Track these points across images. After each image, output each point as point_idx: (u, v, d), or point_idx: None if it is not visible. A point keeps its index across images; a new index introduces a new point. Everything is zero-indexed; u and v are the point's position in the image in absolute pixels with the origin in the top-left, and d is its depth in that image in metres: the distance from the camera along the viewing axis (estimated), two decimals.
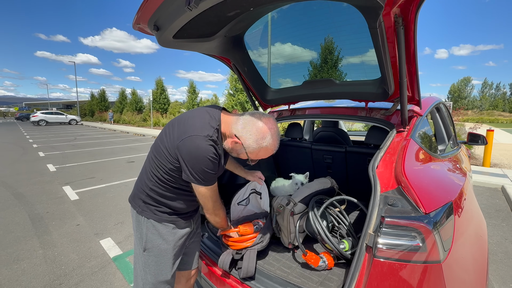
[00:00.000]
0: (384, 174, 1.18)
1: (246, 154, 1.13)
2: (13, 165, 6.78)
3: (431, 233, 0.92)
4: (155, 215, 1.16)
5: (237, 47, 1.72)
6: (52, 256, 2.59)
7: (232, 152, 1.17)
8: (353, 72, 2.07)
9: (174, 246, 1.19)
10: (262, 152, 1.12)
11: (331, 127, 2.86)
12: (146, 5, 1.11)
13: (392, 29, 1.12)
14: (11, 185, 4.97)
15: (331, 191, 1.78)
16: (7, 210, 3.73)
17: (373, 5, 0.95)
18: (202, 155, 1.01)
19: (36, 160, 7.60)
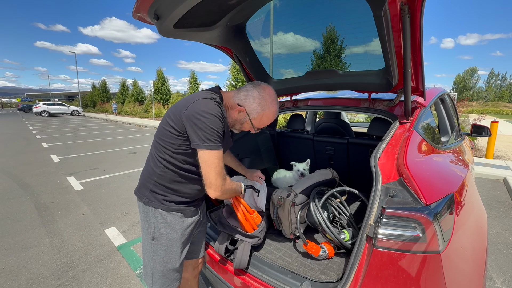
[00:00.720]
0: (386, 165, 1.18)
1: (250, 122, 1.15)
2: (17, 156, 6.86)
3: (431, 224, 0.93)
4: (163, 204, 1.16)
5: (238, 36, 1.69)
6: (59, 244, 2.66)
7: (235, 124, 1.19)
8: (356, 62, 2.03)
9: (182, 234, 1.20)
10: (265, 117, 1.16)
11: (334, 119, 2.84)
12: None
13: (398, 18, 1.09)
14: (17, 176, 5.04)
15: (332, 182, 1.79)
16: (14, 200, 3.81)
17: None
18: (209, 112, 1.01)
19: (40, 151, 7.67)
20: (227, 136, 1.17)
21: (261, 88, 1.14)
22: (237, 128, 1.22)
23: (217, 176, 1.04)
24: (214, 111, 1.03)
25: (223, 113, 1.08)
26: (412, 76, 1.37)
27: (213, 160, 1.03)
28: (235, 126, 1.21)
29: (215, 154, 1.03)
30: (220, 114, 1.05)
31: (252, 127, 1.18)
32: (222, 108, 1.09)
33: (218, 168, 1.04)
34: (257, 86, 1.14)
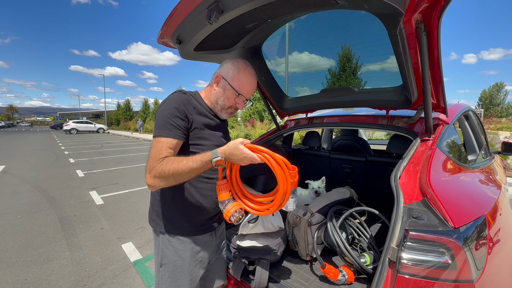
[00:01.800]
0: (407, 184, 1.12)
1: (230, 85, 1.07)
2: (47, 171, 7.30)
3: (462, 250, 0.86)
4: (169, 228, 1.08)
5: (255, 57, 1.76)
6: (78, 257, 2.72)
7: (218, 98, 1.09)
8: (372, 79, 2.02)
9: (190, 263, 1.09)
10: (242, 75, 1.08)
11: (350, 136, 2.79)
12: (170, 21, 1.18)
13: (414, 36, 1.09)
14: (44, 189, 5.33)
15: (351, 202, 1.72)
16: (40, 213, 4.00)
17: (392, 12, 0.94)
18: (164, 101, 1.01)
19: (66, 166, 8.13)
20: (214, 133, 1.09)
21: (232, 58, 1.15)
22: (221, 105, 1.10)
23: (150, 159, 0.93)
24: (170, 99, 0.99)
25: (188, 102, 1.02)
26: (432, 92, 1.34)
27: (154, 145, 0.94)
28: (219, 103, 1.10)
29: (157, 139, 0.94)
30: (179, 102, 0.98)
31: (234, 91, 1.07)
32: (192, 99, 1.04)
33: (154, 153, 0.93)
34: (227, 59, 1.15)
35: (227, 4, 0.98)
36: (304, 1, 0.97)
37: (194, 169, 0.91)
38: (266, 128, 15.74)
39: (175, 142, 0.96)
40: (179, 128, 0.97)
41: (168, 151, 0.94)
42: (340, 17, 1.62)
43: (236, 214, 0.97)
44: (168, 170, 0.89)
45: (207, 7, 1.02)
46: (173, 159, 0.92)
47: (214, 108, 1.12)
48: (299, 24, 1.86)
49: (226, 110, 1.12)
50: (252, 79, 1.11)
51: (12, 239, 3.10)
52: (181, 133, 0.97)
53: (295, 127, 2.33)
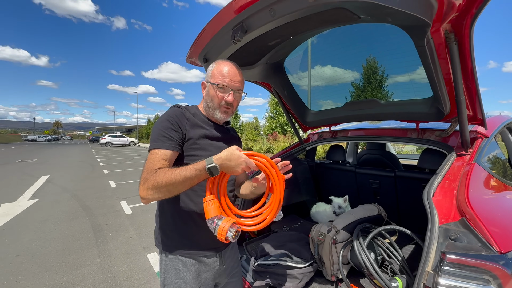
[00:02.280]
0: (442, 203, 1.04)
1: (210, 83, 1.04)
2: (84, 181, 7.89)
3: (511, 279, 0.76)
4: (171, 247, 1.04)
5: (277, 72, 1.80)
6: (107, 265, 2.84)
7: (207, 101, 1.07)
8: (400, 91, 1.95)
9: (193, 286, 1.03)
10: (217, 69, 1.04)
11: (378, 150, 2.67)
12: (198, 42, 1.27)
13: (444, 46, 1.05)
14: (81, 198, 5.74)
15: (379, 220, 1.62)
16: (76, 220, 4.29)
17: (419, 23, 0.92)
18: (163, 117, 1.00)
19: (101, 176, 8.71)
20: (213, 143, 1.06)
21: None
22: (212, 106, 1.06)
23: (144, 171, 0.91)
24: (163, 114, 1.01)
25: (181, 115, 1.01)
26: (467, 103, 1.25)
27: (148, 158, 0.94)
28: (209, 106, 1.06)
29: (153, 152, 0.93)
30: (171, 115, 0.99)
31: (214, 85, 1.03)
32: (184, 111, 1.04)
33: (148, 165, 0.91)
34: None
35: (251, 24, 1.03)
36: (325, 18, 0.99)
37: (187, 178, 0.86)
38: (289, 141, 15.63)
39: (169, 153, 0.94)
40: (172, 139, 0.95)
41: (162, 162, 0.91)
42: (364, 29, 1.61)
43: (233, 229, 0.84)
44: (161, 180, 0.85)
45: (232, 28, 1.09)
46: (166, 169, 0.88)
47: (209, 114, 1.09)
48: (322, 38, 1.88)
49: (219, 109, 1.06)
50: (228, 67, 1.05)
51: (51, 244, 3.35)
52: (174, 144, 0.96)
53: (318, 140, 2.30)
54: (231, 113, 1.09)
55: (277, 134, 17.61)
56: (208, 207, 0.90)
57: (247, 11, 0.99)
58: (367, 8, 0.87)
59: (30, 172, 9.52)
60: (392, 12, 0.84)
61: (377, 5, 0.80)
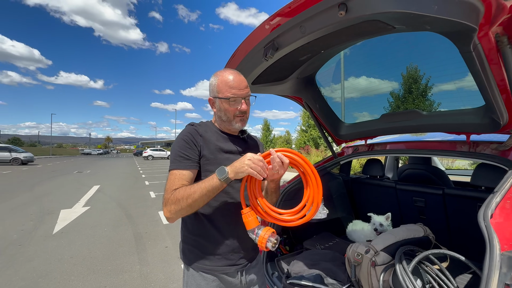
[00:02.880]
0: (504, 226, 0.90)
1: (220, 98, 1.03)
2: (128, 191, 8.58)
3: None
4: (192, 261, 1.05)
5: (308, 86, 1.80)
6: (146, 272, 3.00)
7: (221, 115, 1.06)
8: (446, 100, 1.80)
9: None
10: (222, 82, 1.02)
11: (422, 164, 2.44)
12: (232, 60, 1.34)
13: (495, 50, 0.96)
14: (125, 207, 6.23)
15: (425, 242, 1.46)
16: (120, 228, 4.65)
17: (463, 29, 0.85)
18: (179, 137, 1.03)
19: (143, 187, 9.39)
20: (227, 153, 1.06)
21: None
22: (228, 119, 1.05)
23: (165, 192, 0.95)
24: (181, 134, 1.03)
25: (194, 132, 1.03)
26: None
27: (168, 178, 0.97)
28: (224, 119, 1.06)
29: (172, 173, 0.97)
30: (186, 134, 1.02)
31: (225, 100, 1.02)
32: (197, 128, 1.06)
33: (167, 186, 0.95)
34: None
35: (282, 42, 1.07)
36: (357, 31, 0.98)
37: (204, 188, 0.88)
38: (322, 155, 15.15)
39: (187, 173, 0.96)
40: (189, 158, 0.98)
41: (181, 182, 0.94)
42: (401, 37, 1.54)
43: (272, 239, 0.88)
44: (181, 197, 0.89)
45: (263, 46, 1.14)
46: (185, 187, 0.92)
47: (224, 127, 1.10)
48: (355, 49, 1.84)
49: (234, 120, 1.06)
50: (231, 77, 1.04)
51: (99, 249, 3.66)
52: (191, 163, 0.98)
53: (353, 154, 2.20)
54: (246, 119, 1.09)
55: (310, 148, 17.24)
56: (247, 219, 0.92)
57: (278, 30, 1.03)
58: (402, 18, 0.84)
59: (84, 182, 10.70)
60: (431, 20, 0.80)
61: (412, 15, 0.76)
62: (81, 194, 7.74)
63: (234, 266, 1.05)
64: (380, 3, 0.77)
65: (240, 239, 1.05)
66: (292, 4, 0.90)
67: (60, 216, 5.32)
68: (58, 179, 11.45)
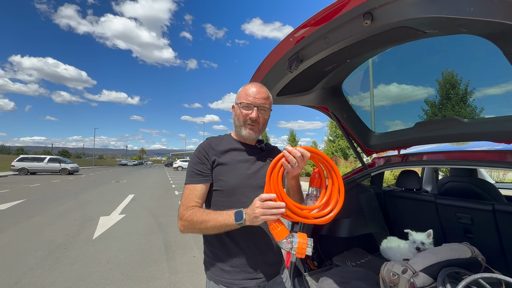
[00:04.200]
0: None
1: (236, 104, 1.12)
2: (159, 200, 8.99)
3: None
4: (212, 273, 1.07)
5: (335, 96, 1.77)
6: (174, 281, 3.07)
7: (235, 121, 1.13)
8: (492, 106, 1.64)
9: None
10: (243, 90, 1.12)
11: (466, 177, 2.22)
12: (257, 74, 1.38)
13: None
14: (157, 216, 6.52)
15: (474, 264, 1.30)
16: (152, 235, 4.86)
17: (504, 29, 0.79)
18: (194, 153, 1.12)
19: (172, 197, 9.78)
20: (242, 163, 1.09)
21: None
22: (239, 125, 1.11)
23: (181, 205, 1.03)
24: (196, 150, 1.11)
25: (207, 147, 1.09)
26: None
27: (184, 192, 1.06)
28: (237, 125, 1.12)
29: (187, 187, 1.06)
30: (199, 150, 1.09)
31: (239, 104, 1.09)
32: (211, 141, 1.12)
33: (183, 200, 1.04)
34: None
35: (306, 54, 1.08)
36: (384, 38, 0.95)
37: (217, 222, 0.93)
38: (351, 166, 14.48)
39: (199, 187, 1.04)
40: (200, 173, 1.05)
41: (195, 200, 1.02)
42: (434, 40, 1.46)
43: (310, 243, 0.84)
44: (196, 220, 0.96)
45: (288, 59, 1.16)
46: (201, 211, 0.98)
47: (239, 137, 1.14)
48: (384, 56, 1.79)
49: (244, 126, 1.09)
50: (251, 87, 1.11)
51: (132, 255, 3.85)
52: (202, 177, 1.05)
53: (385, 165, 2.08)
54: (257, 130, 1.11)
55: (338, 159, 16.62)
56: (275, 230, 0.87)
57: (302, 42, 1.04)
58: (433, 23, 0.80)
59: (121, 190, 11.47)
60: (466, 22, 0.75)
61: (444, 19, 0.73)
62: (118, 202, 8.28)
63: (254, 280, 1.05)
64: (408, 9, 0.74)
65: (258, 252, 1.06)
66: (317, 16, 0.91)
67: (99, 222, 5.73)
68: (99, 188, 12.43)
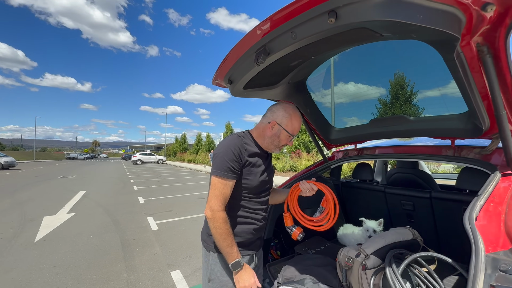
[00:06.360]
0: (488, 228, 0.93)
1: (284, 130, 1.25)
2: (115, 196, 8.34)
3: None
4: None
5: (300, 91, 1.82)
6: (133, 280, 2.90)
7: (273, 141, 1.27)
8: (432, 106, 1.86)
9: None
10: (294, 120, 1.26)
11: (410, 169, 2.50)
12: (223, 65, 1.34)
13: (476, 59, 1.00)
14: (112, 213, 6.04)
15: (414, 245, 1.49)
16: (107, 234, 4.50)
17: (446, 38, 0.89)
18: (226, 145, 1.18)
19: (131, 193, 9.15)
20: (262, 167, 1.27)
21: (280, 103, 1.32)
22: (275, 145, 1.29)
23: (213, 197, 1.13)
24: (230, 145, 1.18)
25: (243, 146, 1.21)
26: (509, 118, 1.15)
27: (215, 183, 1.15)
28: (273, 143, 1.28)
29: (219, 180, 1.14)
30: (235, 147, 1.17)
31: (288, 134, 1.26)
32: (244, 142, 1.23)
33: (217, 191, 1.14)
34: (276, 104, 1.32)
35: (273, 47, 1.08)
36: (346, 38, 1.00)
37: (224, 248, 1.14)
38: (313, 159, 15.28)
39: (231, 183, 1.16)
40: (235, 171, 1.16)
41: (229, 191, 1.16)
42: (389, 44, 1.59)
43: (301, 235, 1.45)
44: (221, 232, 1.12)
45: (255, 51, 1.14)
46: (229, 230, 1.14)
47: (267, 147, 1.30)
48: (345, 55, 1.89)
49: (279, 148, 1.32)
50: (300, 121, 1.32)
51: (84, 257, 3.52)
52: (235, 175, 1.17)
53: (343, 158, 2.23)
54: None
55: (301, 152, 17.34)
56: (286, 220, 1.48)
57: (269, 35, 1.04)
58: (390, 26, 0.87)
59: (69, 187, 10.34)
60: (416, 28, 0.82)
61: (399, 23, 0.79)
62: (66, 200, 7.47)
63: (252, 249, 1.32)
64: (369, 12, 0.79)
65: (260, 233, 1.35)
66: (283, 10, 0.91)
67: (42, 223, 5.10)
68: (42, 185, 11.02)
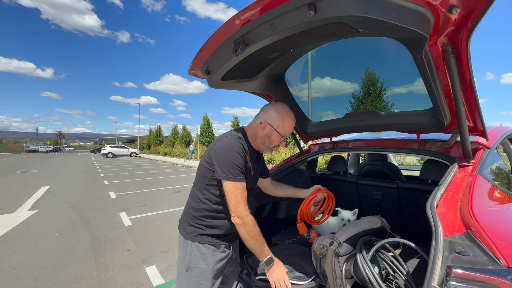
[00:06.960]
0: (446, 214, 1.02)
1: (276, 131, 1.26)
2: (84, 192, 7.84)
3: None
4: (198, 237, 1.27)
5: (278, 84, 1.82)
6: (105, 279, 2.78)
7: (265, 142, 1.29)
8: (400, 102, 1.97)
9: (213, 268, 1.27)
10: (286, 122, 1.27)
11: (379, 161, 2.66)
12: (200, 54, 1.29)
13: (441, 58, 1.07)
14: (80, 209, 5.69)
15: (382, 232, 1.59)
16: (74, 232, 4.23)
17: (416, 37, 0.94)
18: (231, 148, 1.18)
19: (101, 187, 8.67)
20: (253, 167, 1.31)
21: (274, 103, 1.33)
22: (266, 146, 1.31)
23: (237, 204, 1.15)
24: (234, 147, 1.19)
25: (245, 147, 1.23)
26: (467, 115, 1.26)
27: (233, 190, 1.16)
28: (265, 144, 1.30)
29: (235, 185, 1.16)
30: (240, 149, 1.19)
31: (279, 135, 1.28)
32: (244, 143, 1.24)
33: (238, 198, 1.16)
34: (269, 104, 1.34)
35: (252, 38, 1.06)
36: (324, 32, 1.01)
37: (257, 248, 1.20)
38: (290, 152, 15.61)
39: (245, 183, 1.20)
40: (244, 172, 1.20)
41: (246, 192, 1.20)
42: (363, 42, 1.64)
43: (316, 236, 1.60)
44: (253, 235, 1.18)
45: (233, 42, 1.11)
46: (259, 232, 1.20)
47: (258, 147, 1.33)
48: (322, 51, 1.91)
49: (271, 149, 1.33)
50: (293, 122, 1.32)
51: (48, 257, 3.29)
52: (244, 176, 1.21)
53: (319, 151, 2.29)
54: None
55: None
56: (300, 228, 1.65)
57: (249, 25, 1.02)
58: (365, 23, 0.89)
59: (30, 182, 9.51)
60: (390, 26, 0.86)
61: (374, 20, 0.81)
62: (26, 197, 6.87)
63: (229, 240, 1.36)
64: (347, 6, 0.80)
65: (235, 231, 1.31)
66: (263, 0, 0.90)
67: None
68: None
